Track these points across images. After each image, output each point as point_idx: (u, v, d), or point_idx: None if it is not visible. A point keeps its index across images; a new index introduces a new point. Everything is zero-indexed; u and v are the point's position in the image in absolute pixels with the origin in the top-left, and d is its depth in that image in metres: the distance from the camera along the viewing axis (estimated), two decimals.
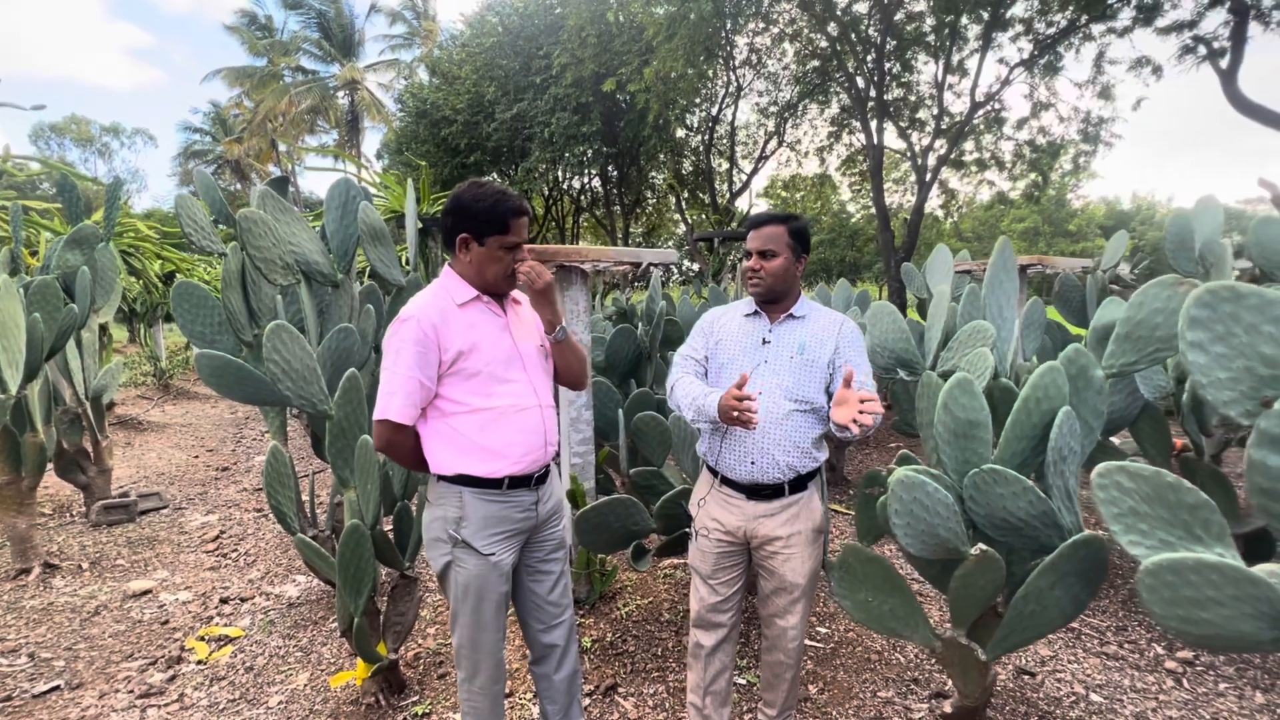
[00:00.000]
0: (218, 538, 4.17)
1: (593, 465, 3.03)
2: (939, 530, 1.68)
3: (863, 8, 11.48)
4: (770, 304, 1.91)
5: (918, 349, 2.38)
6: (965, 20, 10.97)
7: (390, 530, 2.49)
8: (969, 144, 12.70)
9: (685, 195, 17.91)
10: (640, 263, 2.79)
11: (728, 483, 1.89)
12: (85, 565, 3.71)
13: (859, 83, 11.78)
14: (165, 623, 3.08)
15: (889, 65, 11.87)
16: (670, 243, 24.43)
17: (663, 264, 3.00)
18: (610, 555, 3.31)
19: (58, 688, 2.56)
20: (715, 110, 15.72)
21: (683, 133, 16.44)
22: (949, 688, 2.41)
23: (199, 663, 2.74)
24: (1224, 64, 8.21)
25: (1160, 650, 2.68)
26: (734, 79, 14.83)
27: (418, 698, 2.42)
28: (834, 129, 14.61)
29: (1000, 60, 11.44)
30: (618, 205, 18.88)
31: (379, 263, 2.96)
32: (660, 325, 3.98)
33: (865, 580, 2.00)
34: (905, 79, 12.65)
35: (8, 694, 2.50)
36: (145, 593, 3.39)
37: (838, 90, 13.65)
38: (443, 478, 1.69)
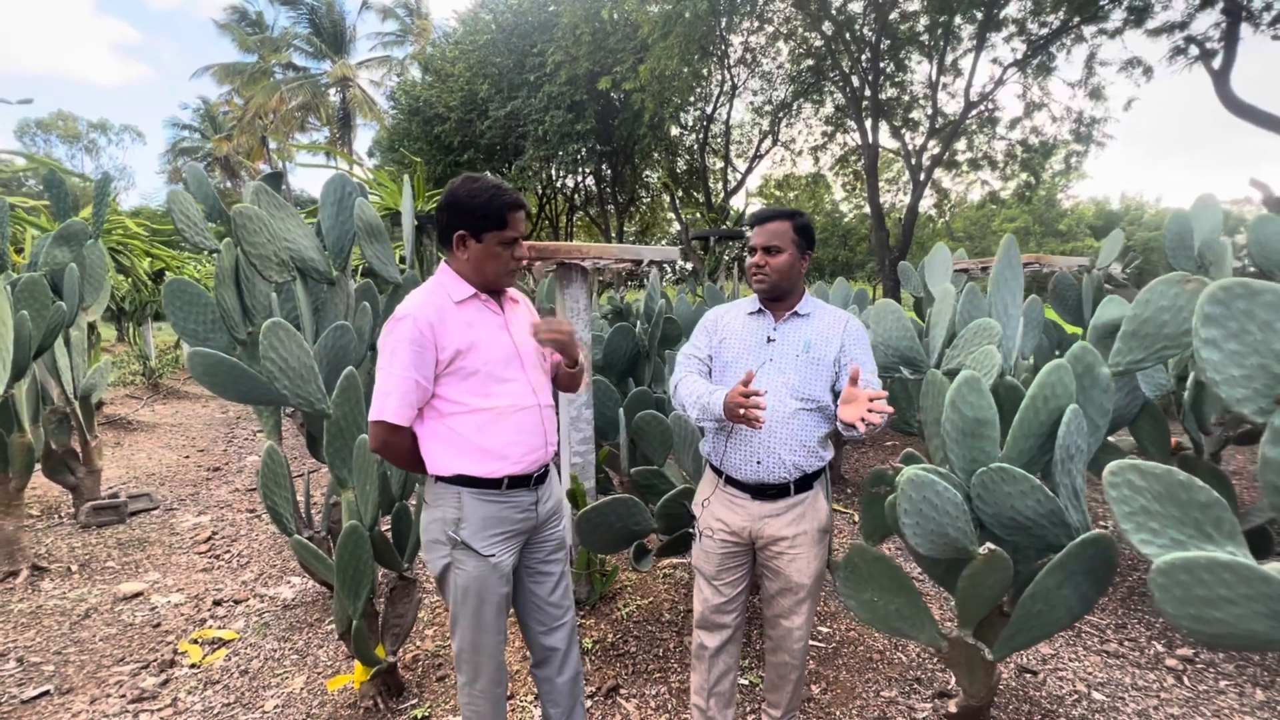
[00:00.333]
0: (210, 539, 4.11)
1: (593, 465, 3.01)
2: (948, 529, 1.67)
3: (857, 7, 11.50)
4: (774, 301, 1.89)
5: (921, 347, 2.37)
6: (959, 20, 11.01)
7: (388, 531, 2.46)
8: (962, 143, 12.75)
9: (679, 194, 17.89)
10: (641, 260, 2.76)
11: (733, 483, 1.87)
12: (74, 567, 3.65)
13: (854, 82, 11.81)
14: (157, 626, 3.03)
15: (883, 64, 11.89)
16: (664, 241, 24.43)
17: (663, 261, 2.97)
18: (611, 555, 3.29)
19: (47, 693, 2.51)
20: (710, 109, 15.71)
21: (677, 131, 16.42)
22: (952, 687, 2.41)
23: (192, 666, 2.69)
24: (1216, 65, 8.27)
25: (1160, 648, 2.69)
26: (729, 77, 14.82)
27: (416, 701, 2.38)
28: (828, 128, 14.63)
29: (994, 60, 11.50)
30: (612, 204, 18.83)
31: (375, 260, 2.92)
32: (660, 324, 3.95)
33: (871, 580, 1.98)
34: (899, 78, 12.69)
35: None
36: (136, 595, 3.34)
37: (832, 89, 13.66)
38: (440, 478, 1.66)
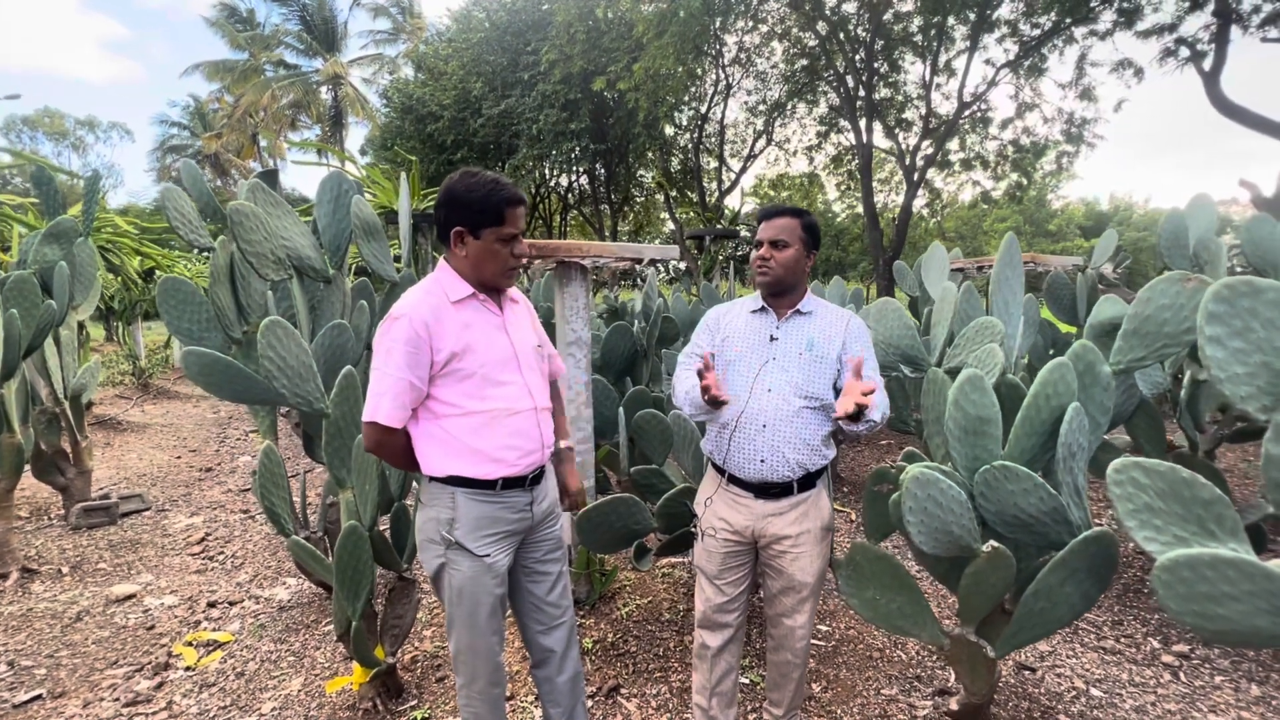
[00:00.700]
0: (203, 540, 4.07)
1: (592, 464, 3.00)
2: (952, 527, 1.67)
3: (851, 7, 11.54)
4: (777, 298, 1.89)
5: (922, 345, 2.37)
6: (952, 21, 11.07)
7: (387, 531, 2.44)
8: (954, 143, 12.83)
9: (674, 193, 17.89)
10: (641, 258, 2.75)
11: (735, 481, 1.86)
12: (65, 569, 3.60)
13: (848, 82, 11.84)
14: (151, 628, 2.99)
15: (877, 65, 11.94)
16: (659, 241, 24.43)
17: (663, 260, 2.96)
18: (610, 555, 3.28)
19: (40, 696, 2.47)
20: (704, 108, 15.72)
21: (672, 130, 16.42)
22: (953, 684, 2.42)
23: (187, 669, 2.66)
24: (1206, 66, 8.35)
25: (1156, 644, 2.71)
26: (723, 77, 14.84)
27: (416, 702, 2.37)
28: (822, 128, 14.67)
29: (986, 61, 11.57)
30: (606, 203, 18.81)
31: (372, 258, 2.89)
32: (658, 323, 3.95)
33: (873, 578, 1.99)
34: (893, 79, 12.74)
35: None
36: (129, 597, 3.30)
37: (826, 89, 13.71)
38: (435, 478, 1.64)
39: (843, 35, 11.49)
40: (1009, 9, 10.84)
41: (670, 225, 20.08)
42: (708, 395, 1.65)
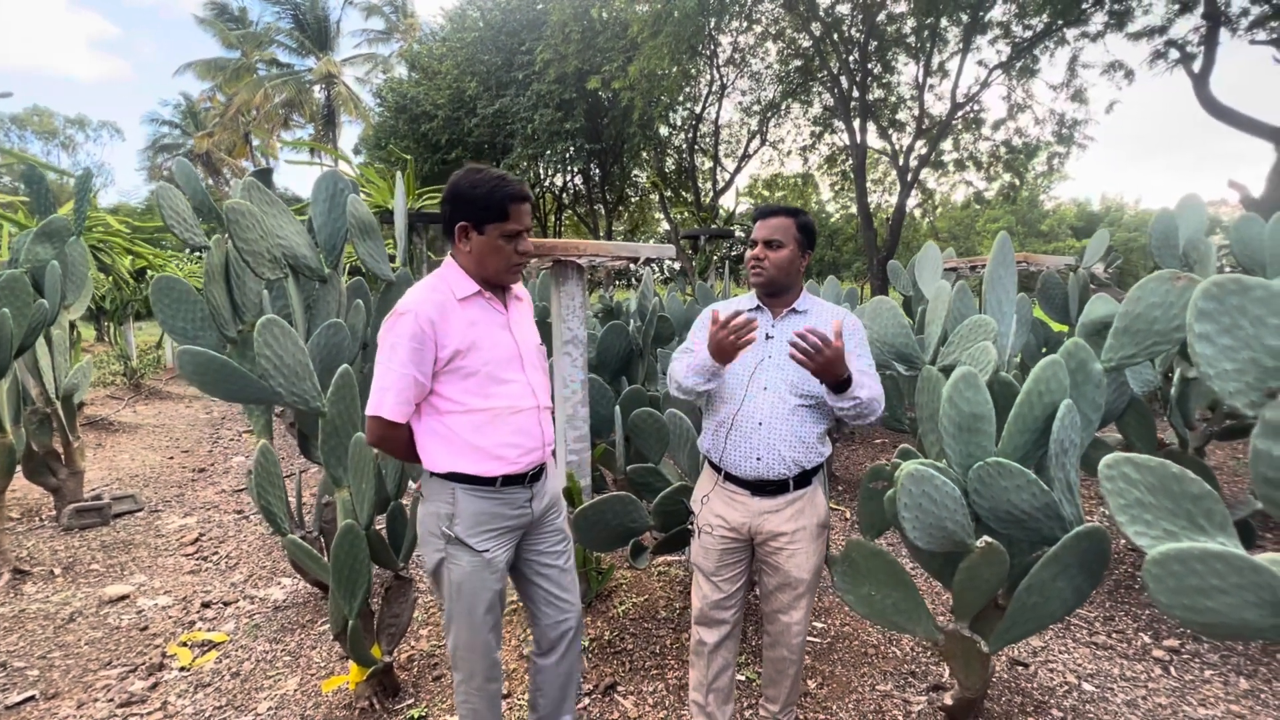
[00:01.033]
0: (197, 540, 4.05)
1: (588, 463, 3.00)
2: (946, 523, 1.69)
3: (845, 9, 11.59)
4: (772, 298, 1.90)
5: (916, 343, 2.39)
6: (945, 23, 11.13)
7: (383, 530, 2.44)
8: (947, 144, 12.90)
9: (668, 193, 17.91)
10: (637, 257, 2.76)
11: (732, 479, 1.87)
12: (57, 571, 3.58)
13: (841, 83, 11.89)
14: (144, 629, 2.98)
15: (871, 66, 11.99)
16: (653, 240, 24.44)
17: (659, 259, 2.97)
18: (606, 554, 3.28)
19: (32, 698, 2.46)
20: (699, 108, 15.75)
21: (666, 131, 16.45)
22: (947, 680, 2.44)
23: (182, 669, 2.65)
24: (1196, 68, 8.43)
25: (1147, 639, 2.74)
26: (717, 77, 14.87)
27: (413, 701, 2.37)
28: (816, 128, 14.73)
29: (979, 62, 11.64)
30: (600, 203, 18.81)
31: (368, 257, 2.89)
32: (653, 322, 3.96)
33: (868, 574, 2.00)
34: (886, 80, 12.81)
35: None
36: (122, 598, 3.28)
37: (820, 90, 13.76)
38: (435, 474, 1.65)
39: (836, 36, 11.54)
40: (1001, 11, 10.92)
41: (665, 225, 20.11)
42: (723, 340, 1.63)
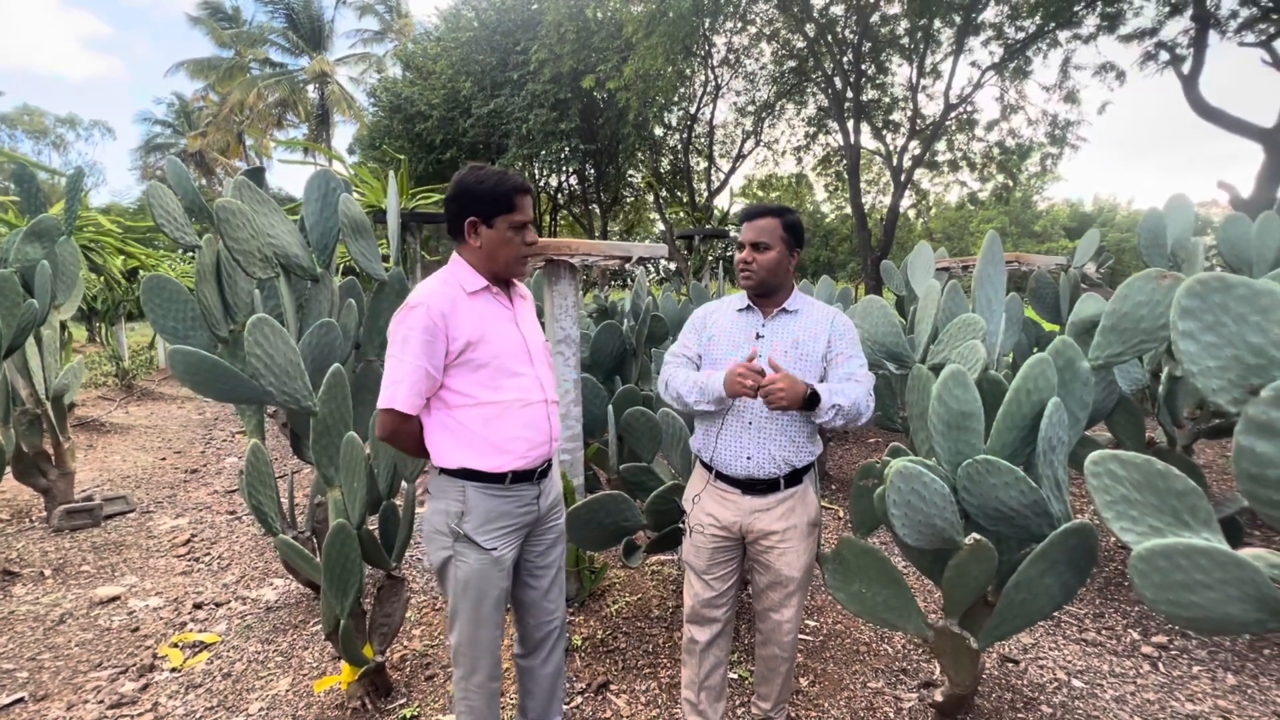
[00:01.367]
0: (189, 541, 4.03)
1: (581, 462, 3.00)
2: (935, 520, 1.70)
3: (839, 10, 11.62)
4: (763, 298, 1.91)
5: (906, 343, 2.40)
6: (938, 24, 11.18)
7: (375, 529, 2.43)
8: (941, 145, 12.95)
9: (663, 193, 17.92)
10: (630, 257, 2.77)
11: (723, 478, 1.88)
12: (47, 572, 3.56)
13: (835, 83, 11.93)
14: (135, 630, 2.96)
15: (864, 66, 12.03)
16: (649, 241, 24.45)
17: (652, 258, 2.98)
18: (599, 553, 3.28)
19: (22, 700, 2.44)
20: (694, 109, 15.77)
21: (661, 131, 16.44)
22: (938, 676, 2.45)
23: (173, 670, 2.64)
24: (1186, 69, 8.50)
25: (1136, 636, 2.76)
26: (712, 78, 14.89)
27: (405, 700, 2.36)
28: (811, 129, 14.76)
29: (972, 63, 11.70)
30: (596, 203, 18.80)
31: (360, 257, 2.88)
32: (647, 321, 3.96)
33: (859, 572, 2.01)
34: (880, 80, 12.85)
35: None
36: (113, 599, 3.26)
37: (814, 90, 13.79)
38: (445, 470, 1.66)
39: (830, 37, 11.58)
40: (994, 12, 10.98)
41: (660, 225, 20.11)
42: (745, 389, 1.66)
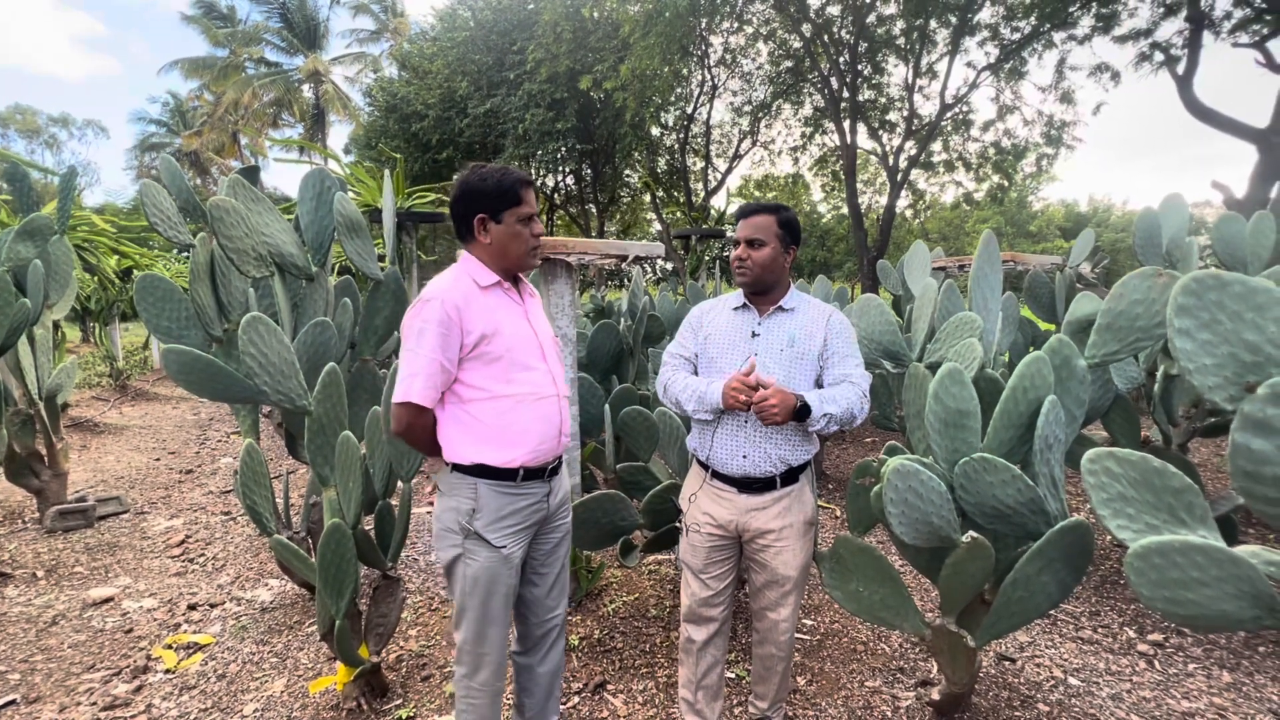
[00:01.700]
0: (183, 542, 4.01)
1: (578, 461, 3.00)
2: (932, 518, 1.70)
3: (835, 10, 11.64)
4: (759, 295, 1.91)
5: (903, 341, 2.41)
6: (934, 25, 11.21)
7: (371, 529, 2.42)
8: (936, 145, 12.98)
9: (660, 193, 17.91)
10: (626, 255, 2.76)
11: (719, 477, 1.88)
12: (40, 573, 3.53)
13: (832, 84, 11.95)
14: (129, 631, 2.94)
15: (861, 67, 12.05)
16: (645, 240, 24.39)
17: (648, 257, 2.97)
18: (596, 552, 3.28)
19: (13, 702, 2.42)
20: (690, 109, 15.76)
21: (658, 131, 16.43)
22: (935, 675, 2.45)
23: (167, 672, 2.62)
24: (1180, 70, 8.54)
25: (1132, 634, 2.77)
26: (709, 78, 14.89)
27: (401, 701, 2.35)
28: (807, 129, 14.78)
29: (968, 64, 11.72)
30: (593, 203, 18.79)
31: (356, 256, 2.87)
32: (644, 321, 3.96)
33: (856, 571, 2.01)
34: (876, 81, 12.87)
35: None
36: (106, 601, 3.24)
37: (811, 91, 13.81)
38: (457, 467, 1.67)
39: (827, 37, 11.59)
40: (989, 13, 11.01)
41: (657, 225, 20.10)
42: (741, 403, 1.69)
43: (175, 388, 9.73)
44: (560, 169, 17.28)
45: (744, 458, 1.81)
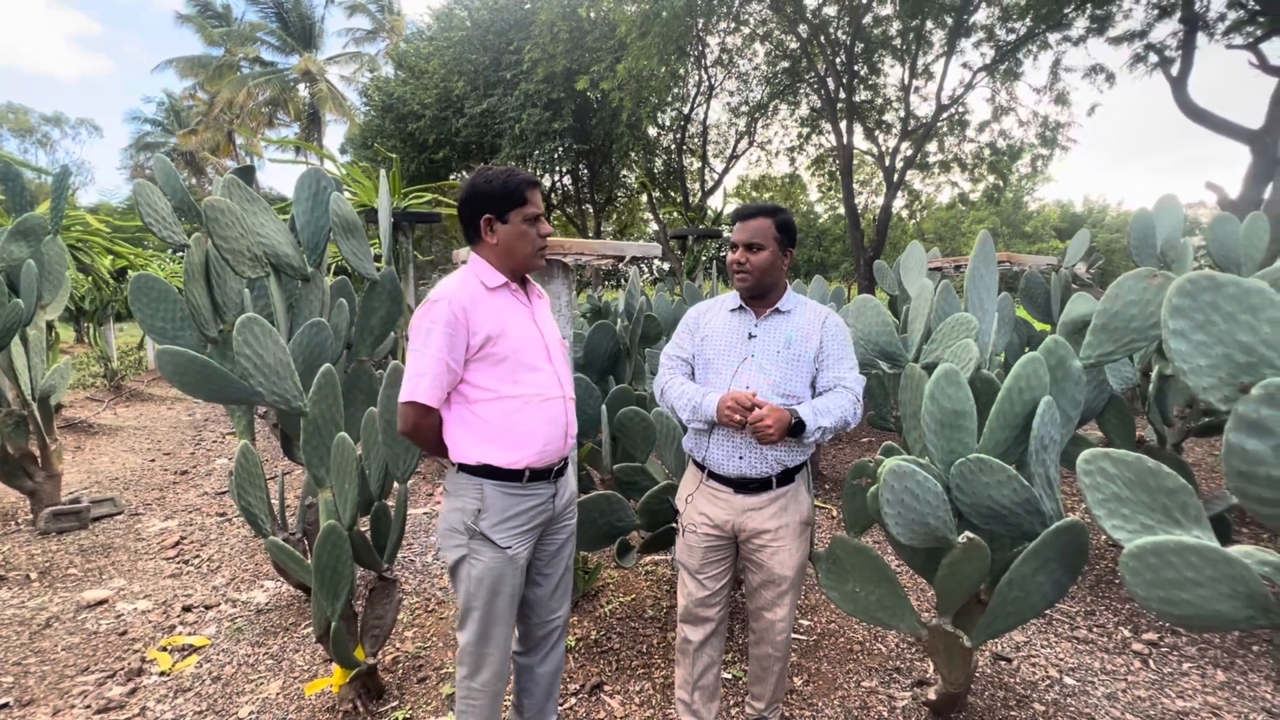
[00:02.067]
0: (178, 544, 3.99)
1: (575, 462, 2.99)
2: (928, 519, 1.70)
3: (832, 11, 11.66)
4: (755, 298, 1.91)
5: (899, 342, 2.41)
6: (930, 26, 11.24)
7: (367, 531, 2.41)
8: (932, 146, 13.01)
9: (657, 194, 17.91)
10: (623, 256, 2.76)
11: (715, 477, 1.88)
12: (34, 575, 3.51)
13: (828, 84, 11.96)
14: (123, 633, 2.93)
15: (857, 67, 12.07)
16: (642, 241, 24.42)
17: (645, 257, 2.97)
18: (593, 553, 3.27)
19: (7, 705, 2.41)
20: (687, 109, 15.76)
21: (655, 131, 16.42)
22: (931, 675, 2.45)
23: (162, 674, 2.61)
24: (1174, 72, 8.58)
25: (1127, 633, 2.78)
26: (706, 78, 14.89)
27: (397, 703, 2.35)
28: (804, 129, 14.79)
29: (963, 65, 11.75)
30: (589, 203, 18.78)
31: (352, 256, 2.86)
32: (640, 321, 3.95)
33: (853, 571, 2.01)
34: (873, 81, 12.89)
35: None
36: (101, 603, 3.22)
37: (807, 91, 13.83)
38: (463, 468, 1.67)
39: (823, 38, 11.60)
40: (985, 14, 11.04)
41: (654, 225, 20.10)
42: (734, 421, 1.70)
43: (169, 388, 9.69)
44: (557, 169, 17.26)
45: (740, 459, 1.81)
